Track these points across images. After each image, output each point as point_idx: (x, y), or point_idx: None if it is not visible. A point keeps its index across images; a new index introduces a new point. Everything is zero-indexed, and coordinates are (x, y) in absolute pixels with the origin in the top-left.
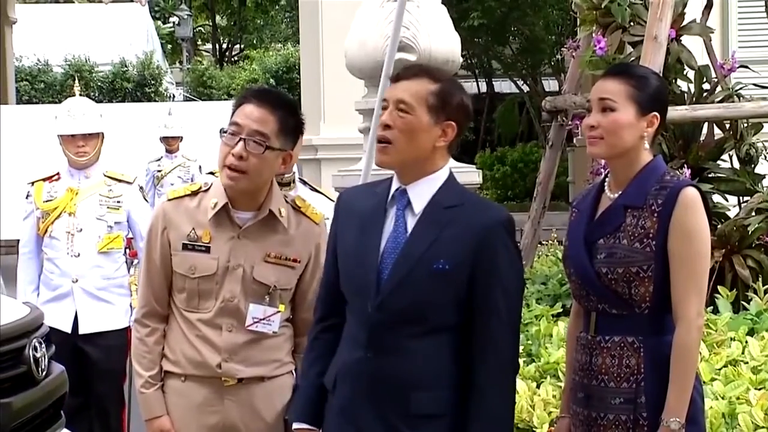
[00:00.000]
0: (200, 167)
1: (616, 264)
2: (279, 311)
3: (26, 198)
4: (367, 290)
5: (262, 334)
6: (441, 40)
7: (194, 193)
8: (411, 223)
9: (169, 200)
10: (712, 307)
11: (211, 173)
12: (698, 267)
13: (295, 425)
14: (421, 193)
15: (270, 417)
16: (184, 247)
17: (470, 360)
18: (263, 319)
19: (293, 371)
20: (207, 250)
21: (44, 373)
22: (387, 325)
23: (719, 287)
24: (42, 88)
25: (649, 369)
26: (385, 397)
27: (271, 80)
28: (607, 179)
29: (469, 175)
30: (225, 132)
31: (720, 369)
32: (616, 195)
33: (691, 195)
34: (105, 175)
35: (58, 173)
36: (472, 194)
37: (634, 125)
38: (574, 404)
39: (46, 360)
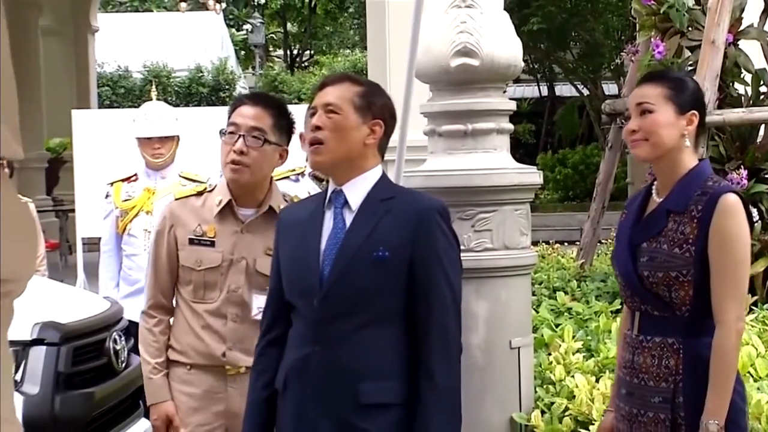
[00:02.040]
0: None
1: (657, 268)
2: None
3: (106, 198)
4: (311, 288)
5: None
6: (503, 46)
7: (199, 194)
8: (349, 219)
9: (176, 200)
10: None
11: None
12: (737, 273)
13: None
14: (357, 190)
15: None
16: (191, 241)
17: (417, 344)
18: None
19: None
20: (212, 244)
21: (124, 364)
22: (333, 317)
23: None
24: (122, 93)
25: (687, 370)
26: (334, 390)
27: None
28: (655, 182)
29: (530, 176)
30: (224, 133)
31: None
32: (661, 199)
33: (731, 201)
34: (180, 176)
35: (135, 174)
36: (405, 188)
37: (673, 124)
38: (618, 399)
39: (126, 352)
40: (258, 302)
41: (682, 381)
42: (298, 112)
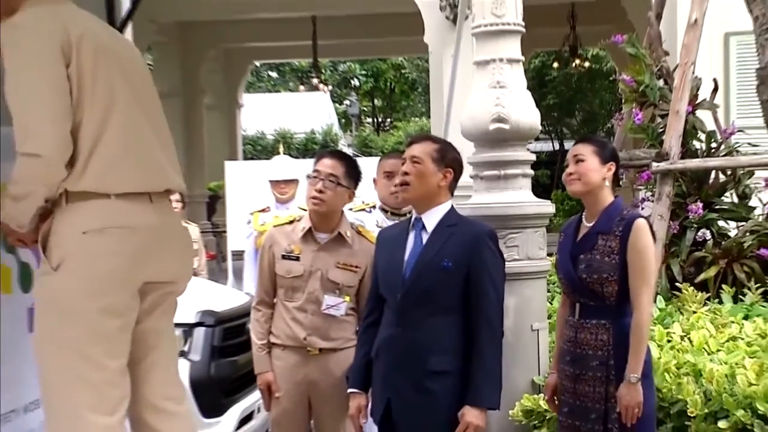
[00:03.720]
0: (362, 201)
1: (593, 272)
2: (345, 301)
3: (248, 223)
4: (396, 286)
5: (333, 318)
6: (526, 115)
7: (290, 222)
8: (425, 238)
9: (275, 227)
10: (718, 299)
11: (362, 208)
12: (647, 273)
13: (349, 390)
14: (432, 218)
15: (339, 375)
16: (283, 257)
17: (470, 331)
18: (333, 306)
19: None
20: (297, 259)
21: None
22: (410, 308)
23: (723, 285)
24: (259, 149)
25: (615, 342)
26: (410, 359)
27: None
28: (584, 213)
29: (546, 207)
30: (309, 177)
31: (724, 343)
32: (591, 224)
33: (641, 224)
34: (299, 208)
35: (268, 206)
36: (466, 217)
37: (598, 170)
38: (563, 364)
39: None
40: (328, 301)
41: (612, 349)
42: (375, 164)
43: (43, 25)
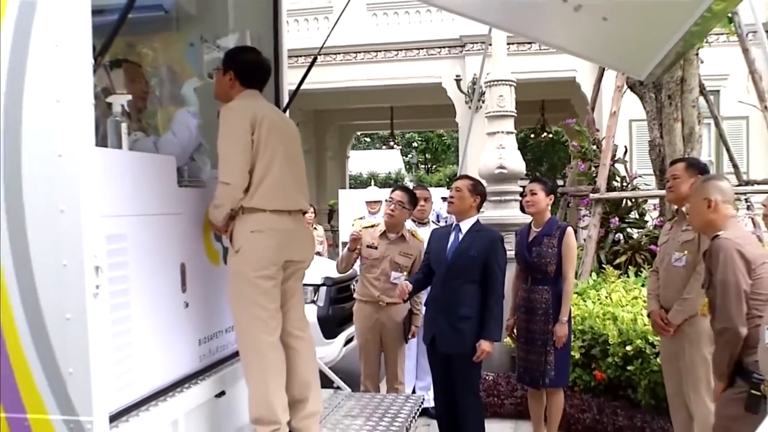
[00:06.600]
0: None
1: (540, 257)
2: (403, 275)
3: (351, 225)
4: (442, 264)
5: (396, 284)
6: (516, 164)
7: (372, 227)
8: (460, 237)
9: (363, 228)
10: (627, 275)
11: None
12: (572, 259)
13: (404, 280)
14: (465, 225)
15: (397, 320)
16: (367, 246)
17: (484, 294)
18: (397, 278)
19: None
20: (376, 248)
21: None
22: (450, 279)
23: (630, 267)
24: (359, 182)
25: (553, 299)
26: (448, 309)
27: (448, 179)
28: (532, 222)
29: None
30: (386, 200)
31: (630, 300)
32: (538, 230)
33: (570, 230)
34: (383, 217)
35: (364, 216)
36: (486, 226)
37: (544, 199)
38: (519, 313)
39: None
40: (394, 275)
41: (551, 303)
42: (433, 192)
43: (242, 110)
